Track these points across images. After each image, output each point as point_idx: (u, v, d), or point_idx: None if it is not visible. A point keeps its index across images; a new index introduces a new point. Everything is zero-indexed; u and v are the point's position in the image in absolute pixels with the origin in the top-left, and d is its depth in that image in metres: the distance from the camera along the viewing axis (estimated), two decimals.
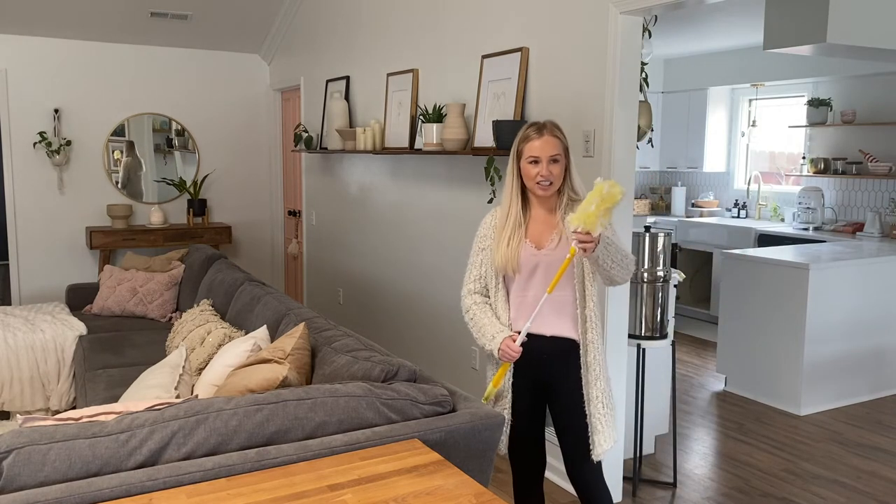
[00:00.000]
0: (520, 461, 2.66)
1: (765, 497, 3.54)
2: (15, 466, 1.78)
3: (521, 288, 2.54)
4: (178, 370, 2.76)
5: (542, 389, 2.58)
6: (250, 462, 1.92)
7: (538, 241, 2.51)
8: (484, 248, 2.59)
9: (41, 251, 6.45)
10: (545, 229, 2.53)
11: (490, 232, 2.58)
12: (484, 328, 2.53)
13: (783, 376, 4.77)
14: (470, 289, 2.62)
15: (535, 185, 2.46)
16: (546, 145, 2.44)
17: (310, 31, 6.30)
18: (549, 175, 2.44)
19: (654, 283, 3.51)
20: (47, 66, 6.32)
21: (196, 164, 7.00)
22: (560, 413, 2.57)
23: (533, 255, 2.50)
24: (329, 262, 6.21)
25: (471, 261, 2.64)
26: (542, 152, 2.43)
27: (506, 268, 2.49)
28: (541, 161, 2.43)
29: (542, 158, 2.43)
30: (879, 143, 6.21)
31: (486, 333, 2.52)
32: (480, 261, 2.60)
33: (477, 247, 2.62)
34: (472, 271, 2.62)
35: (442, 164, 4.54)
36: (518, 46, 3.79)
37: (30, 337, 4.29)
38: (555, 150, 2.44)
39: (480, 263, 2.60)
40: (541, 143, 2.44)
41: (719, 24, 5.85)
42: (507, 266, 2.49)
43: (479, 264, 2.60)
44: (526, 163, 2.46)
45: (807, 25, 3.46)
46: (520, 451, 2.63)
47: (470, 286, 2.61)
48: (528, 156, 2.45)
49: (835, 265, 4.72)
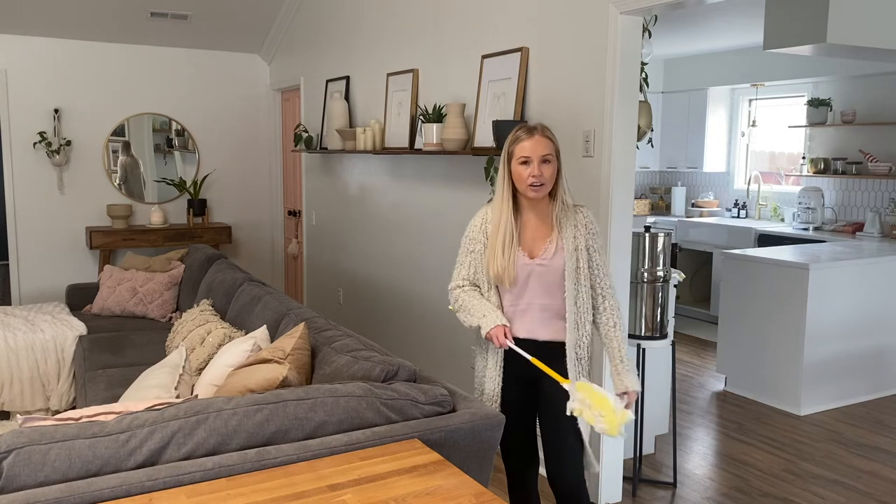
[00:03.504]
0: (511, 455, 2.62)
1: (765, 497, 3.53)
2: (15, 466, 1.78)
3: (515, 297, 2.50)
4: (178, 370, 2.76)
5: (531, 384, 2.55)
6: (250, 462, 1.92)
7: (531, 250, 2.47)
8: (473, 250, 2.54)
9: (41, 251, 6.45)
10: (538, 236, 2.48)
11: (480, 236, 2.52)
12: (473, 308, 2.49)
13: (783, 376, 4.77)
14: (457, 285, 2.58)
15: (526, 188, 2.40)
16: (537, 145, 2.39)
17: (310, 31, 6.30)
18: (541, 176, 2.38)
19: (654, 283, 3.51)
20: (47, 66, 6.32)
21: (196, 164, 7.00)
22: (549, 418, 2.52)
23: (526, 265, 2.46)
24: (329, 262, 6.20)
25: (459, 260, 2.60)
26: (533, 152, 2.38)
27: (503, 280, 2.45)
28: (532, 161, 2.38)
29: (533, 158, 2.38)
30: (879, 143, 6.21)
31: (475, 312, 2.48)
32: (469, 262, 2.55)
33: (465, 248, 2.57)
34: (461, 271, 2.58)
35: (442, 164, 4.54)
36: (518, 46, 3.79)
37: (30, 337, 4.29)
38: (546, 150, 2.40)
39: (469, 265, 2.55)
40: (532, 143, 2.39)
41: (719, 24, 5.85)
42: (504, 279, 2.44)
43: (467, 265, 2.56)
44: (517, 164, 2.41)
45: (807, 25, 3.46)
46: (511, 444, 2.58)
47: (458, 282, 2.58)
48: (520, 156, 2.39)
49: (835, 265, 4.72)
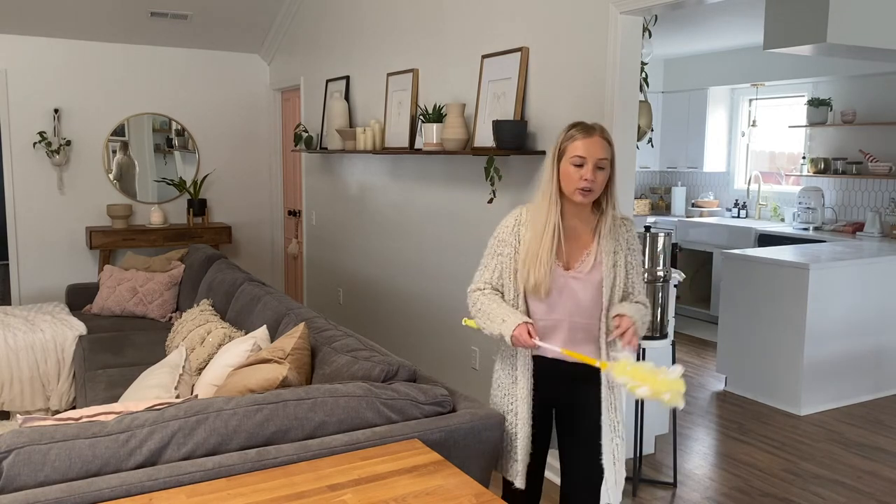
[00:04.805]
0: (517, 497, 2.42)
1: (765, 497, 3.53)
2: (15, 466, 1.78)
3: (546, 310, 2.29)
4: (178, 370, 2.76)
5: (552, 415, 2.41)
6: (250, 462, 1.92)
7: (567, 261, 2.27)
8: (501, 253, 2.33)
9: (41, 251, 6.45)
10: (576, 247, 2.28)
11: (511, 238, 2.30)
12: (492, 312, 2.27)
13: (783, 376, 4.76)
14: (478, 287, 2.37)
15: (574, 191, 2.19)
16: (595, 147, 2.18)
17: (310, 31, 6.30)
18: (594, 181, 2.17)
19: (654, 283, 3.51)
20: (47, 66, 6.32)
21: (196, 163, 7.00)
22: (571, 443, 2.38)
23: (560, 276, 2.26)
24: (329, 262, 6.20)
25: (484, 262, 2.39)
26: (588, 153, 2.17)
27: (538, 291, 2.24)
28: (586, 163, 2.17)
29: (588, 160, 2.17)
30: (879, 143, 6.21)
31: (495, 317, 2.25)
32: (495, 265, 2.34)
33: (493, 250, 2.36)
34: (484, 274, 2.37)
35: (442, 164, 4.54)
36: (518, 46, 3.79)
37: (30, 337, 4.29)
38: (603, 154, 2.18)
39: (494, 268, 2.34)
40: (589, 144, 2.18)
41: (719, 24, 5.85)
42: (540, 290, 2.23)
43: (492, 268, 2.35)
44: (569, 163, 2.19)
45: (807, 25, 3.46)
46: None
47: (479, 285, 2.37)
48: (573, 155, 2.17)
49: (835, 265, 4.72)
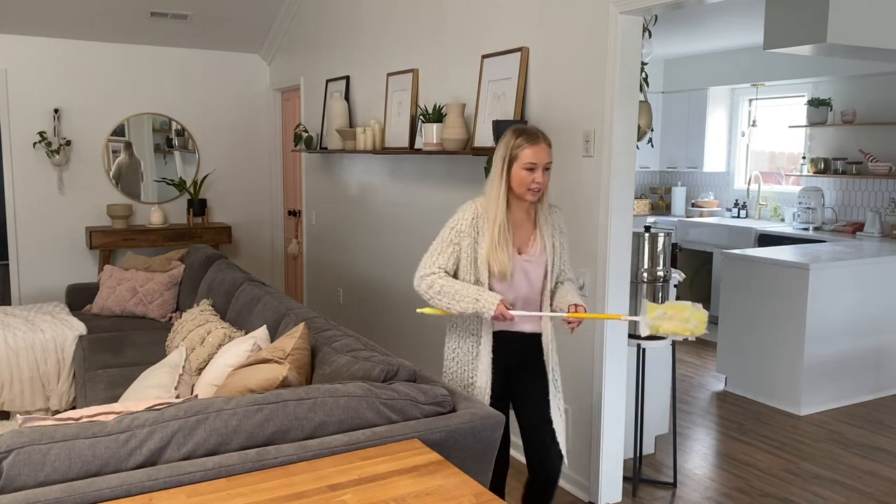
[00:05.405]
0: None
1: (765, 497, 3.53)
2: (15, 466, 1.78)
3: (506, 289, 2.58)
4: (178, 370, 2.76)
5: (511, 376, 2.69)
6: (250, 462, 1.92)
7: (519, 247, 2.61)
8: (459, 243, 2.56)
9: (41, 251, 6.45)
10: (524, 234, 2.63)
11: (471, 230, 2.56)
12: (458, 292, 2.49)
13: (783, 376, 4.77)
14: (431, 272, 2.55)
15: (525, 192, 2.53)
16: (542, 153, 2.52)
17: (310, 31, 6.30)
18: (543, 183, 2.53)
19: (654, 282, 3.51)
20: (47, 66, 6.32)
21: (196, 164, 7.00)
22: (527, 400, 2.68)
23: (517, 261, 2.59)
24: (329, 262, 6.20)
25: (438, 249, 2.58)
26: (538, 159, 2.51)
27: (505, 276, 2.54)
28: (537, 168, 2.51)
29: (538, 165, 2.51)
30: (879, 143, 6.21)
31: (463, 297, 2.48)
32: (451, 253, 2.57)
33: (449, 239, 2.57)
34: (438, 259, 2.57)
35: (442, 164, 4.54)
36: (518, 46, 3.79)
37: (30, 337, 4.29)
38: (549, 159, 2.54)
39: (449, 255, 2.57)
40: (537, 151, 2.51)
41: (719, 24, 5.85)
42: (506, 274, 2.54)
43: (447, 255, 2.57)
44: (521, 168, 2.51)
45: (807, 25, 3.46)
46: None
47: (432, 269, 2.55)
48: (526, 162, 2.50)
49: (835, 265, 4.72)
